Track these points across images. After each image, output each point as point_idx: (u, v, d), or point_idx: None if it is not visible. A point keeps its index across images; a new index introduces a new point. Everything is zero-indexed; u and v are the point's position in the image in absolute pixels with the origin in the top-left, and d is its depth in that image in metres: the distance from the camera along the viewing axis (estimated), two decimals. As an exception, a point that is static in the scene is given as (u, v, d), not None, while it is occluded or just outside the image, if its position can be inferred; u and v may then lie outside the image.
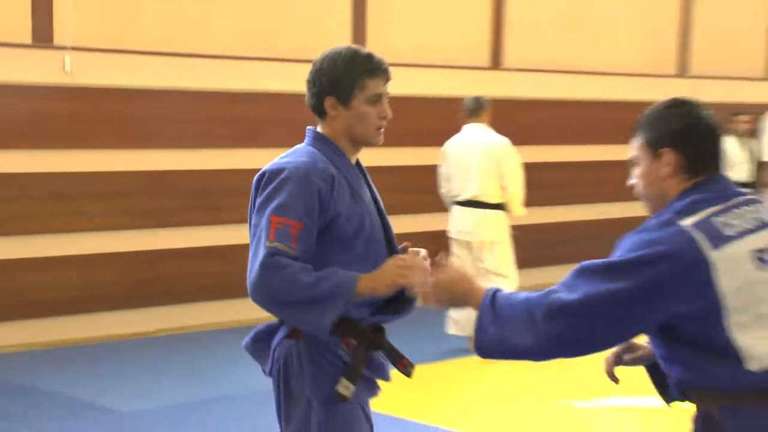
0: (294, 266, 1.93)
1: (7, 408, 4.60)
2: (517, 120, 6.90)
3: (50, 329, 5.57)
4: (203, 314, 6.12)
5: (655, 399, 1.97)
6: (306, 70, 2.13)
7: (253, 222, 2.02)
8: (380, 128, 2.12)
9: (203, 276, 6.13)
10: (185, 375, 5.22)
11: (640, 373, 1.89)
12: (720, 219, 1.65)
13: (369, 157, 2.35)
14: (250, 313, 5.24)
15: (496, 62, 7.13)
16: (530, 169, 5.75)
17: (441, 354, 5.39)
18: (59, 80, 5.43)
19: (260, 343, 2.22)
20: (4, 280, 5.36)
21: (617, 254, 1.66)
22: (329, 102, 2.06)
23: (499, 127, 5.69)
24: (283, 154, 2.10)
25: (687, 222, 1.59)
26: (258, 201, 2.01)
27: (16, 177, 5.36)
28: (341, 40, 5.20)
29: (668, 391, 1.86)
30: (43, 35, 5.41)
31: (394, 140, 3.47)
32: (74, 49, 5.47)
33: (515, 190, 5.31)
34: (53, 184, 5.51)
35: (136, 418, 4.50)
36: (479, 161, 5.18)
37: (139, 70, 5.76)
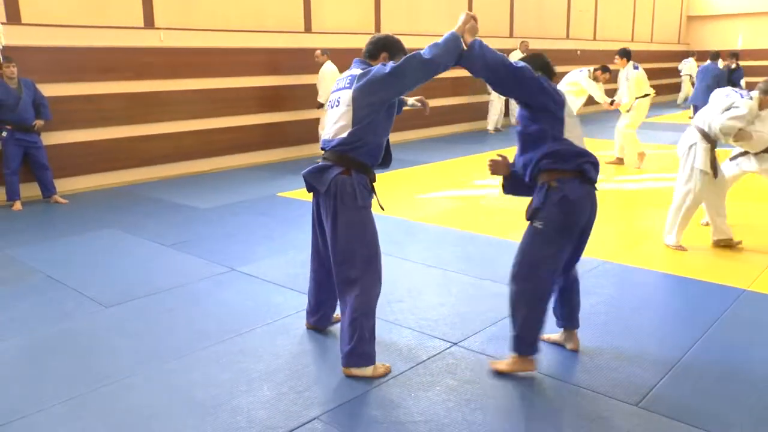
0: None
1: (144, 208, 7.10)
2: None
3: (167, 169, 9.07)
4: (245, 159, 9.77)
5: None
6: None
7: (372, 80, 3.11)
8: None
9: (250, 138, 9.86)
10: (234, 190, 7.92)
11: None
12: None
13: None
14: (269, 156, 8.69)
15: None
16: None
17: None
18: (157, 45, 8.72)
19: (317, 173, 3.30)
20: (144, 146, 8.77)
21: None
22: (383, 54, 3.34)
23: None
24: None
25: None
26: (379, 71, 3.11)
27: (144, 95, 8.65)
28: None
29: (514, 185, 3.39)
30: (148, 22, 8.60)
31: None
32: (165, 28, 8.78)
33: None
34: (156, 97, 8.79)
35: (207, 211, 6.95)
36: None
37: (197, 38, 9.08)
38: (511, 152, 3.55)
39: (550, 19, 16.75)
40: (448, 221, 6.43)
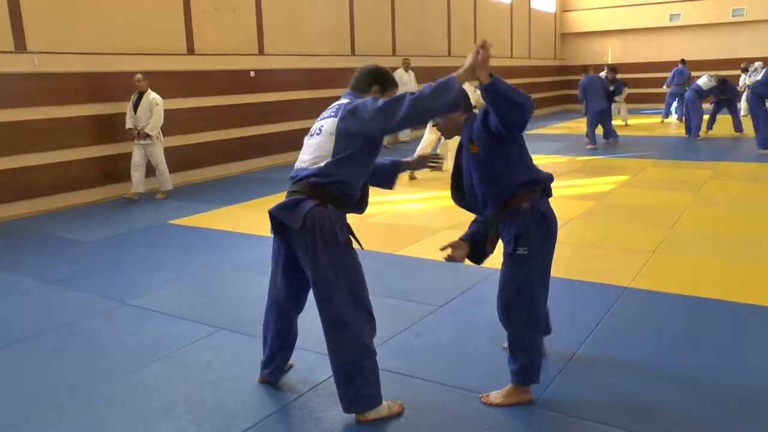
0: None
1: (26, 244, 6.73)
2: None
3: (52, 201, 8.51)
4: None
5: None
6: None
7: (377, 106, 2.80)
8: None
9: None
10: (124, 219, 7.52)
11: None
12: None
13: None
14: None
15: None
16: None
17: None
18: (32, 70, 8.29)
19: (288, 209, 2.94)
20: (26, 178, 8.20)
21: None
22: (374, 87, 3.13)
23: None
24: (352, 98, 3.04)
25: None
26: (369, 103, 2.85)
27: (22, 123, 8.16)
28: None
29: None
30: (19, 46, 8.19)
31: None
32: (39, 52, 8.36)
33: None
34: (37, 126, 8.30)
35: (96, 243, 6.63)
36: None
37: (76, 62, 8.72)
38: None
39: (432, 37, 17.23)
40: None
